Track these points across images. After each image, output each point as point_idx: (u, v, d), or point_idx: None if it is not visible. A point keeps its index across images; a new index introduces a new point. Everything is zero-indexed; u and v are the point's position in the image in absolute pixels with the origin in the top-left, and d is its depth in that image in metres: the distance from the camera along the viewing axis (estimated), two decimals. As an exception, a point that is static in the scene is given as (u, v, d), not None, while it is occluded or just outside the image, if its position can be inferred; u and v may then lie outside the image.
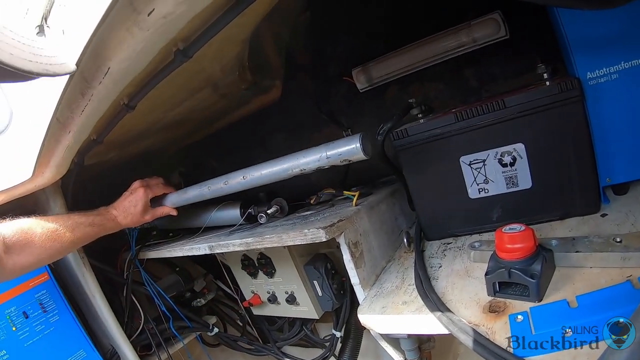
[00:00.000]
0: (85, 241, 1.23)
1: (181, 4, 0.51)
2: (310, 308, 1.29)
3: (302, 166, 0.95)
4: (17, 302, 1.28)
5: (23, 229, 1.05)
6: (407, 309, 0.77)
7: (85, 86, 0.70)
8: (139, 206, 1.27)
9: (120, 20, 0.53)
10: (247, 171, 1.08)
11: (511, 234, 0.69)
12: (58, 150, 0.99)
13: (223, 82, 1.21)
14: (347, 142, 0.87)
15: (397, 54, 1.23)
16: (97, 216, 1.24)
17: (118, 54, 0.61)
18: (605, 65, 0.80)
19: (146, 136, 1.42)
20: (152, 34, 0.57)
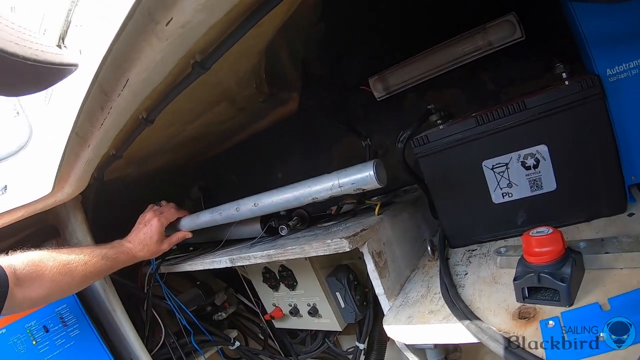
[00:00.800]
0: (99, 276, 1.22)
1: (199, 12, 0.51)
2: (333, 320, 1.27)
3: (314, 194, 0.93)
4: (38, 316, 1.29)
5: (34, 261, 1.05)
6: (434, 318, 0.75)
7: (104, 99, 0.71)
8: (155, 237, 1.26)
9: (139, 31, 0.54)
10: (258, 198, 1.07)
11: (539, 237, 0.67)
12: (78, 164, 1.00)
13: (240, 95, 1.22)
14: (360, 170, 0.85)
15: (413, 61, 1.23)
16: (111, 249, 1.22)
17: (137, 65, 0.62)
18: (625, 61, 0.79)
19: (165, 151, 1.43)
20: (171, 44, 0.58)
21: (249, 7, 0.63)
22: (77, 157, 0.95)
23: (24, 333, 1.25)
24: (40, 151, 1.14)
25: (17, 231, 1.27)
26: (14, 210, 1.15)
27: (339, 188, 0.87)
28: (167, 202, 1.37)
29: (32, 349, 1.24)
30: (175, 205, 1.36)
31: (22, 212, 1.17)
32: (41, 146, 1.14)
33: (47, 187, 1.10)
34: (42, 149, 1.11)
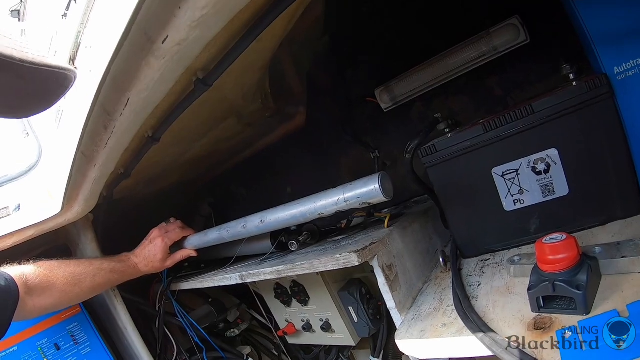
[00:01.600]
0: (106, 287, 1.28)
1: (194, 29, 0.51)
2: (347, 335, 1.25)
3: (320, 210, 0.92)
4: (49, 334, 1.31)
5: (45, 271, 1.10)
6: (447, 332, 0.73)
7: (107, 119, 0.72)
8: (159, 255, 1.32)
9: (136, 50, 0.54)
10: (264, 215, 1.07)
11: (552, 244, 0.65)
12: (85, 184, 1.02)
13: (246, 111, 1.23)
14: (365, 183, 0.84)
15: (419, 70, 1.22)
16: (119, 263, 1.28)
17: (136, 84, 0.62)
18: (632, 58, 0.77)
19: (174, 168, 1.45)
20: (168, 61, 0.58)
21: (247, 23, 0.63)
22: (84, 176, 0.96)
23: (35, 351, 1.26)
24: (50, 171, 1.17)
25: (29, 250, 1.29)
26: (24, 230, 1.18)
27: (345, 203, 0.86)
28: (175, 220, 1.41)
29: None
30: (181, 224, 1.40)
31: (33, 231, 1.20)
32: (50, 166, 1.16)
33: (57, 207, 1.13)
34: (52, 169, 1.13)
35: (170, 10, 0.48)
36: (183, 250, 1.37)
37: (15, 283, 1.00)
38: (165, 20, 0.49)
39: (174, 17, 0.48)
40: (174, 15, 0.48)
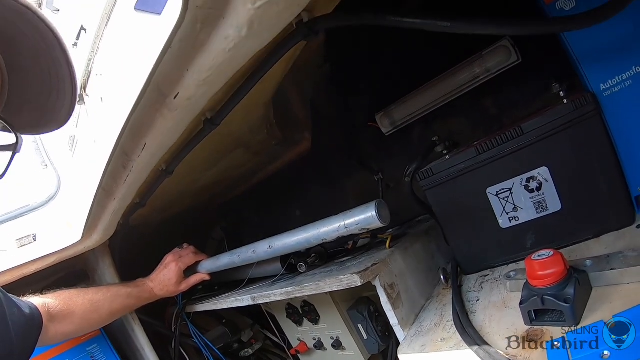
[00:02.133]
0: (124, 312, 1.34)
1: (201, 86, 0.58)
2: (357, 352, 1.28)
3: (323, 236, 0.98)
4: (70, 355, 1.36)
5: (65, 299, 1.16)
6: (445, 346, 0.77)
7: (126, 159, 0.78)
8: (173, 279, 1.37)
9: (151, 104, 0.61)
10: (272, 241, 1.13)
11: (540, 260, 0.68)
12: (105, 215, 1.09)
13: (253, 141, 1.29)
14: (363, 211, 0.89)
15: (416, 95, 1.27)
16: (135, 288, 1.34)
17: (152, 132, 0.69)
18: (617, 74, 0.80)
19: (186, 196, 1.51)
20: (180, 112, 0.64)
21: (247, 71, 0.69)
22: (104, 208, 1.03)
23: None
24: (69, 202, 1.23)
25: (48, 275, 1.36)
26: (46, 257, 1.26)
27: (345, 229, 0.91)
28: (188, 245, 1.48)
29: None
30: (194, 249, 1.46)
31: (54, 258, 1.28)
32: (70, 198, 1.23)
33: (77, 235, 1.20)
34: (71, 201, 1.20)
35: (180, 72, 0.54)
36: (197, 275, 1.42)
37: (38, 311, 1.06)
38: (176, 79, 0.56)
39: (183, 77, 0.55)
40: (182, 76, 0.55)
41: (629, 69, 0.79)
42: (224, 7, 0.45)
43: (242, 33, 0.48)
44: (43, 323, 1.06)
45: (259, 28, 0.49)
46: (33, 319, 1.04)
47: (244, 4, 0.44)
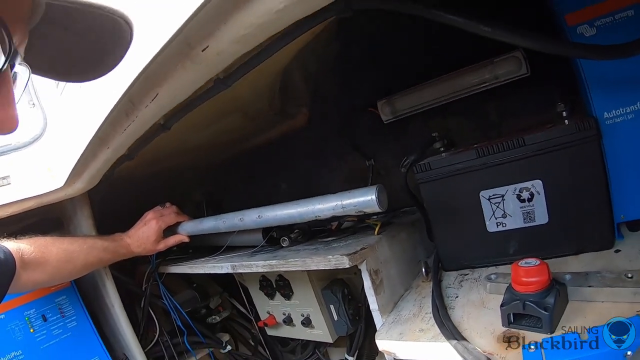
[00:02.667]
0: (98, 266, 1.32)
1: (234, 43, 0.56)
2: (325, 332, 1.31)
3: (317, 213, 0.98)
4: (38, 305, 1.33)
5: (40, 247, 1.12)
6: (423, 337, 0.80)
7: (131, 108, 0.75)
8: (152, 237, 1.35)
9: (174, 54, 0.59)
10: (262, 211, 1.12)
11: (527, 267, 0.71)
12: (94, 163, 1.05)
13: (253, 108, 1.27)
14: (364, 193, 0.89)
15: (421, 88, 1.28)
16: (112, 242, 1.31)
17: (168, 82, 0.67)
18: (622, 106, 0.83)
19: (174, 154, 1.48)
20: (204, 67, 0.63)
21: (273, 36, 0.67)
22: (95, 157, 1.00)
23: (22, 320, 1.28)
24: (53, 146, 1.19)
25: (20, 220, 1.31)
26: (24, 201, 1.21)
27: (342, 209, 0.92)
28: (170, 205, 1.45)
29: (29, 337, 1.28)
30: (176, 210, 1.44)
31: (32, 202, 1.23)
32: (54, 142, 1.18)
33: (58, 182, 1.16)
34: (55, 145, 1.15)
35: (216, 26, 0.52)
36: (177, 236, 1.40)
37: (12, 257, 1.03)
38: (210, 32, 0.54)
39: (218, 30, 0.53)
40: (218, 29, 0.53)
41: (634, 103, 0.82)
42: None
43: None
44: (16, 269, 1.03)
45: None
46: (7, 265, 1.01)
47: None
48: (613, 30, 0.80)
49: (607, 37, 0.80)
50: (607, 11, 0.80)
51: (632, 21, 0.78)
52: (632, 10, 0.78)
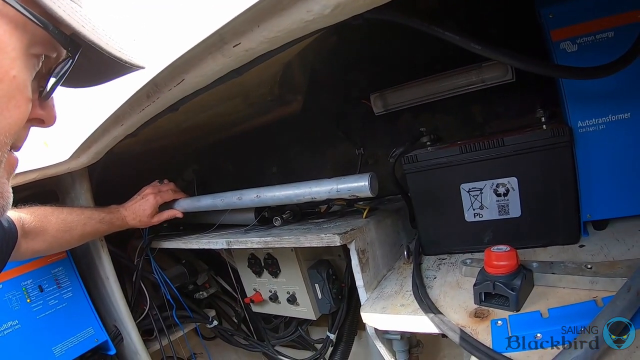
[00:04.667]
0: (94, 236, 1.35)
1: (263, 43, 0.62)
2: (309, 309, 1.39)
3: (314, 194, 1.06)
4: (34, 275, 1.35)
5: (40, 216, 1.15)
6: (404, 310, 0.88)
7: (154, 90, 0.80)
8: (147, 211, 1.38)
9: (207, 47, 0.64)
10: (260, 191, 1.18)
11: (498, 252, 0.80)
12: (104, 139, 1.08)
13: (254, 94, 1.33)
14: (357, 179, 0.99)
15: (413, 85, 1.35)
16: (108, 214, 1.33)
17: (196, 70, 0.72)
18: (595, 117, 0.92)
19: (171, 133, 1.51)
20: (232, 60, 0.68)
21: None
22: (107, 132, 1.03)
23: (19, 290, 1.30)
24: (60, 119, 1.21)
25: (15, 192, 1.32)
26: (28, 173, 1.22)
27: (337, 192, 1.01)
28: (168, 182, 1.49)
29: (26, 307, 1.30)
30: (174, 187, 1.47)
31: (36, 174, 1.25)
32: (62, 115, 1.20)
33: (65, 155, 1.17)
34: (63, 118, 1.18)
35: (250, 27, 0.59)
36: (170, 210, 1.44)
37: (15, 225, 1.05)
38: (243, 32, 0.60)
39: (251, 31, 0.60)
40: (251, 31, 0.59)
41: (606, 116, 0.91)
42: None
43: (325, 12, 0.53)
44: (17, 238, 1.06)
45: (340, 11, 0.54)
46: (10, 233, 1.03)
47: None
48: (593, 49, 0.88)
49: (587, 54, 0.88)
50: (589, 31, 0.88)
51: (612, 42, 0.86)
52: (612, 32, 0.86)
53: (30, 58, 0.47)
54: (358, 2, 0.54)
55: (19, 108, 0.46)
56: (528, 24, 1.00)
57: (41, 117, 0.53)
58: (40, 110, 0.53)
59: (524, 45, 0.98)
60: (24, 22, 0.44)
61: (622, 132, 0.91)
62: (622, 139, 0.91)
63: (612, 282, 0.75)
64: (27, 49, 0.46)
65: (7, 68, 0.44)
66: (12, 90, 0.45)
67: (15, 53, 0.44)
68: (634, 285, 0.65)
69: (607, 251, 0.89)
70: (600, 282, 0.76)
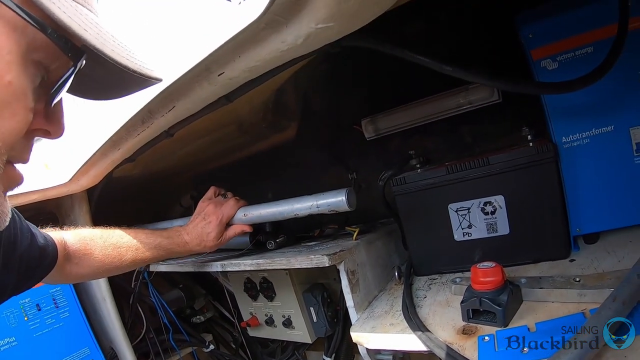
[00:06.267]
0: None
1: (245, 71, 0.67)
2: (305, 332, 1.38)
3: (296, 211, 1.09)
4: (33, 294, 1.37)
5: (85, 239, 1.06)
6: (393, 329, 0.89)
7: (148, 116, 0.84)
8: (212, 234, 1.19)
9: (194, 75, 0.69)
10: (247, 209, 1.20)
11: (484, 269, 0.82)
12: (101, 162, 1.11)
13: (248, 121, 1.37)
14: (335, 194, 1.02)
15: (402, 110, 1.38)
16: (167, 239, 1.18)
17: (185, 98, 0.76)
18: (579, 132, 0.94)
19: (169, 159, 1.55)
20: (218, 87, 0.73)
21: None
22: (104, 156, 1.06)
23: (17, 308, 1.32)
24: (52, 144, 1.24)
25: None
26: (29, 194, 1.25)
27: (317, 208, 1.04)
28: (232, 194, 1.30)
29: (23, 324, 1.32)
30: (236, 199, 1.27)
31: (37, 196, 1.27)
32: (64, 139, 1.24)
33: (65, 177, 1.19)
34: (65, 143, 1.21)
35: (232, 57, 0.63)
36: (237, 226, 1.24)
37: (55, 247, 0.96)
38: (226, 62, 0.64)
39: (233, 62, 0.64)
40: (233, 60, 0.63)
41: (589, 130, 0.94)
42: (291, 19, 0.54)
43: (298, 42, 0.58)
44: (57, 260, 0.96)
45: (312, 41, 0.58)
46: (47, 252, 0.94)
47: (308, 23, 0.54)
48: (574, 65, 0.91)
49: (568, 71, 0.91)
50: (568, 47, 0.91)
51: (591, 57, 0.88)
52: (591, 47, 0.89)
53: (30, 64, 0.44)
54: (326, 32, 0.58)
55: (14, 117, 0.43)
56: (513, 44, 1.04)
57: (46, 128, 0.50)
58: (46, 120, 0.50)
59: (511, 66, 1.02)
60: (23, 25, 0.41)
61: (606, 145, 0.93)
62: (607, 151, 0.93)
63: (600, 293, 0.76)
64: (26, 54, 0.43)
65: (2, 72, 0.41)
66: (7, 96, 0.42)
67: (12, 57, 0.41)
68: (619, 295, 0.66)
69: (597, 264, 0.90)
70: (588, 294, 0.77)
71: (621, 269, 0.82)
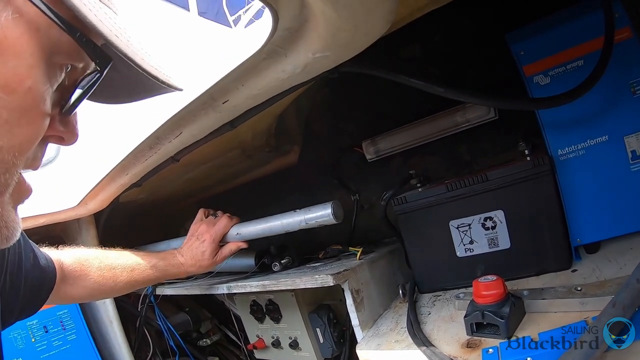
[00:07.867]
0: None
1: (248, 99, 0.71)
2: (312, 354, 1.37)
3: (285, 227, 1.12)
4: (40, 316, 1.37)
5: (81, 260, 1.05)
6: (398, 346, 0.90)
7: (155, 142, 0.88)
8: (207, 253, 1.20)
9: (200, 104, 0.73)
10: (240, 227, 1.23)
11: (485, 282, 0.83)
12: (110, 187, 1.14)
13: (251, 146, 1.40)
14: (321, 209, 1.05)
15: (402, 131, 1.41)
16: (162, 261, 1.18)
17: (191, 125, 0.80)
18: (574, 143, 0.96)
19: (175, 184, 1.58)
20: (222, 115, 0.76)
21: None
22: (113, 181, 1.09)
23: (25, 330, 1.33)
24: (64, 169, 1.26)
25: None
26: (37, 217, 1.26)
27: (306, 223, 1.07)
28: (222, 213, 1.30)
29: (30, 346, 1.33)
30: (228, 216, 1.27)
31: (45, 219, 1.28)
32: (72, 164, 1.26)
33: (74, 201, 1.21)
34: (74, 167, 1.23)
35: (235, 86, 0.67)
36: (232, 244, 1.24)
37: (54, 267, 0.96)
38: (229, 90, 0.68)
39: (237, 90, 0.68)
40: (236, 89, 0.67)
41: (584, 141, 0.96)
42: (290, 49, 0.58)
43: (297, 71, 0.62)
44: (56, 281, 0.95)
45: (310, 69, 0.62)
46: (47, 273, 0.93)
47: (305, 52, 0.58)
48: (565, 78, 0.93)
49: (560, 85, 0.94)
50: (559, 62, 0.94)
51: (582, 70, 0.91)
52: (582, 60, 0.92)
53: (51, 67, 0.41)
54: (323, 61, 0.62)
55: (32, 125, 0.40)
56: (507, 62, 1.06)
57: (61, 135, 0.47)
58: (60, 126, 0.46)
59: (508, 82, 1.05)
60: (47, 25, 0.38)
61: (602, 155, 0.95)
62: (603, 161, 0.95)
63: (601, 301, 0.76)
64: (48, 57, 0.40)
65: (23, 77, 0.37)
66: (26, 103, 0.38)
67: (34, 60, 0.38)
68: (619, 301, 0.66)
69: (599, 273, 0.91)
70: (590, 303, 0.78)
71: (622, 276, 0.83)
